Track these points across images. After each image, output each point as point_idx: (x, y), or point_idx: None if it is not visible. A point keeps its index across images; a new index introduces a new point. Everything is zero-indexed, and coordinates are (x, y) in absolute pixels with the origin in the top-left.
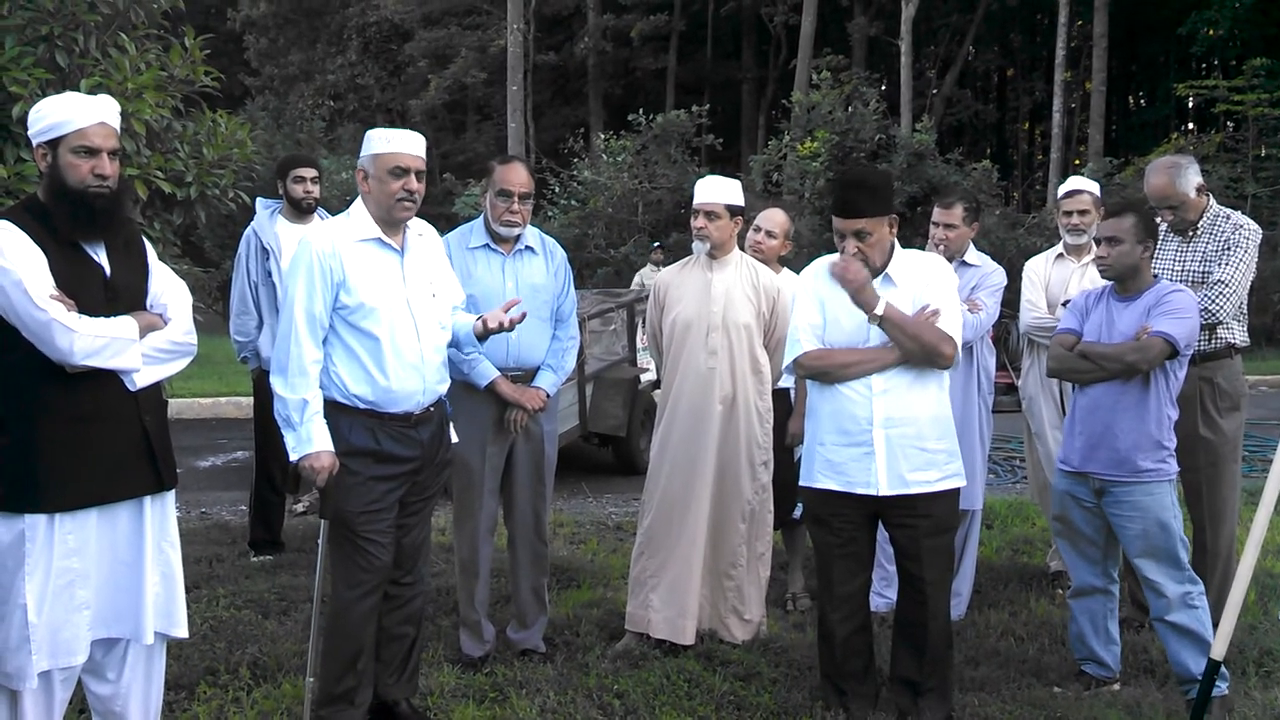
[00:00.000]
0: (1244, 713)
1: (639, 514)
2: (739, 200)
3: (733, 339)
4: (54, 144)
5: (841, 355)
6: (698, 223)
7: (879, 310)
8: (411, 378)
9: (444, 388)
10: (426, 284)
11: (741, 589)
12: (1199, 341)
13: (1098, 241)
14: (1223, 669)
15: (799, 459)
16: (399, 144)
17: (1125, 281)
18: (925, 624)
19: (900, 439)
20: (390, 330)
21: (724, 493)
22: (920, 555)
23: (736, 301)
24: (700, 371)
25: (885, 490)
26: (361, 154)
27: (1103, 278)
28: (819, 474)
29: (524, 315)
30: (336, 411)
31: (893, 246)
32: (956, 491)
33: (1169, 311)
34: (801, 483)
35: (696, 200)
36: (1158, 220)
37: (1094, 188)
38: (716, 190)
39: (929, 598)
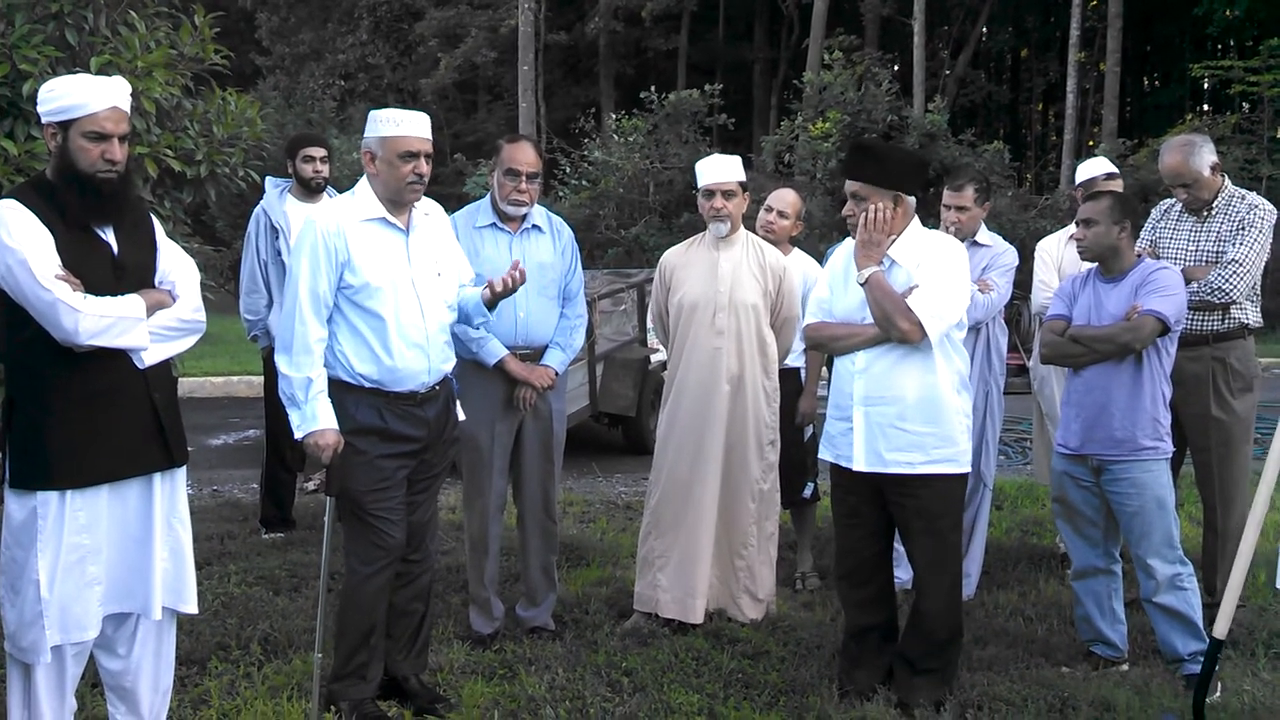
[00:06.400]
0: (1254, 693)
1: (647, 494)
2: (744, 175)
3: (740, 319)
4: (65, 125)
5: (832, 329)
6: (716, 203)
7: (864, 275)
8: (416, 357)
9: (449, 366)
10: (432, 263)
11: (753, 568)
12: (1212, 321)
13: (1077, 224)
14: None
15: (808, 438)
16: (408, 127)
17: (1106, 262)
18: (920, 607)
19: (879, 417)
20: (395, 309)
21: (732, 472)
22: (911, 536)
23: (743, 281)
24: (707, 351)
25: (861, 466)
26: (366, 134)
27: (1081, 259)
28: (822, 444)
29: (524, 274)
30: (343, 390)
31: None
32: (953, 479)
33: (1157, 289)
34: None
35: (709, 181)
36: (1172, 200)
37: (1113, 170)
38: (727, 169)
39: (922, 580)
